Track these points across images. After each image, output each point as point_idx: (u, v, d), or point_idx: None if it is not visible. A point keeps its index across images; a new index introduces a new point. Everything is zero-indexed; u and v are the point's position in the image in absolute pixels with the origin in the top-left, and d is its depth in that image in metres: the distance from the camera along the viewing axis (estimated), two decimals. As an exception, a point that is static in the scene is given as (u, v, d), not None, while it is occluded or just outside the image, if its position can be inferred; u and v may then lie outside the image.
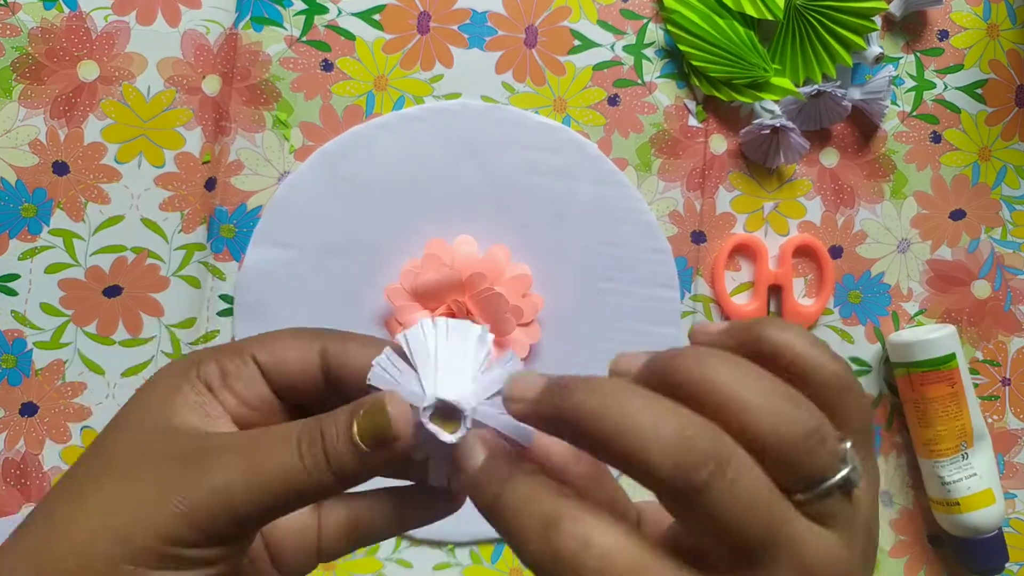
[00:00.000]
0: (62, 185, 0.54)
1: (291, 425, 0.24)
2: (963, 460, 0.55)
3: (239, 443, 0.24)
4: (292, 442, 0.23)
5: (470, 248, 0.54)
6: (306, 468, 0.23)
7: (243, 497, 0.22)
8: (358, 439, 0.23)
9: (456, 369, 0.24)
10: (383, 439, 0.23)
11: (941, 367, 0.54)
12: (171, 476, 0.23)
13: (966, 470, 0.54)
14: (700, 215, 0.58)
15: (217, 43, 0.55)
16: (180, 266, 0.54)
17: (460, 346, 0.24)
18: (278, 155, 0.55)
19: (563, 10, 0.57)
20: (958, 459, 0.55)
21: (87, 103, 0.54)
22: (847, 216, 0.59)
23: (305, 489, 0.23)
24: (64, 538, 0.23)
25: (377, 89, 0.56)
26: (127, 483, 0.23)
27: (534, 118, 0.56)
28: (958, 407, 0.55)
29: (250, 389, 0.25)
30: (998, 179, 0.60)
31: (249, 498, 0.23)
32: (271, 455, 0.23)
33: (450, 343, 0.24)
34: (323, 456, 0.23)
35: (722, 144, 0.58)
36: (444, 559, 0.55)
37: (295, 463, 0.23)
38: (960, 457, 0.55)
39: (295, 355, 0.26)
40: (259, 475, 0.23)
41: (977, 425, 0.55)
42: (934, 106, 0.60)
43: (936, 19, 0.60)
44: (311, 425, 0.24)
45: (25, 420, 0.54)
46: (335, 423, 0.23)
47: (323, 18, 0.55)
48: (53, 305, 0.54)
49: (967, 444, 0.55)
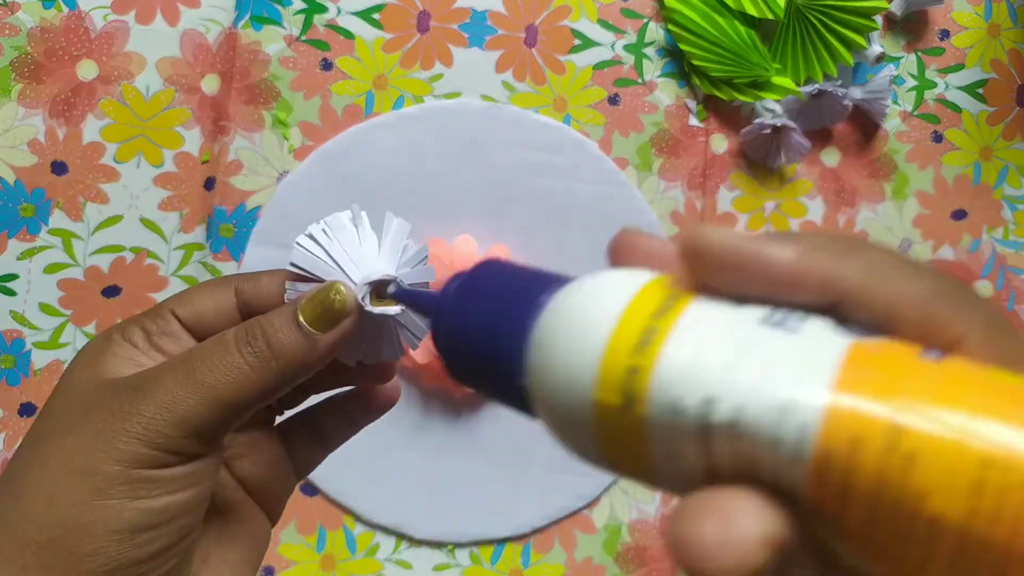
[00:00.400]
0: (61, 185, 0.54)
1: (222, 332, 0.25)
2: None
3: (174, 363, 0.24)
4: (230, 344, 0.24)
5: (470, 248, 0.54)
6: (248, 364, 0.23)
7: (192, 406, 0.23)
8: (306, 325, 0.24)
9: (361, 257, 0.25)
10: (335, 318, 0.24)
11: None
12: (118, 408, 0.23)
13: None
14: (701, 215, 0.57)
15: (216, 42, 0.55)
16: (179, 266, 0.54)
17: (349, 236, 0.26)
18: (277, 155, 0.55)
19: (563, 9, 0.57)
20: None
21: (86, 103, 0.54)
22: (848, 216, 0.59)
23: (252, 387, 0.23)
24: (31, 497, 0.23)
25: (377, 88, 0.56)
26: (77, 429, 0.23)
27: (534, 117, 0.56)
28: None
29: (174, 344, 0.26)
30: (999, 179, 0.60)
31: (198, 407, 0.23)
32: (211, 361, 0.24)
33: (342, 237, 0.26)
34: (266, 349, 0.24)
35: (723, 144, 0.58)
36: (444, 560, 0.55)
37: (236, 361, 0.23)
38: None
39: (211, 302, 0.26)
40: (202, 383, 0.23)
41: None
42: (935, 106, 0.60)
43: (937, 18, 0.60)
44: (246, 325, 0.24)
45: (24, 420, 0.53)
46: (273, 317, 0.24)
47: (323, 17, 0.55)
48: (52, 305, 0.54)
49: None
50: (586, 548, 0.56)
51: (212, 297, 0.26)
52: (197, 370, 0.23)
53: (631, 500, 0.56)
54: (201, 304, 0.26)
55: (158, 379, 0.24)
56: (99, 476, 0.22)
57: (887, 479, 0.13)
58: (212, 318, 0.26)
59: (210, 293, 0.26)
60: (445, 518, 0.55)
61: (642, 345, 0.15)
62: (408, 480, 0.55)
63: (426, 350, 0.51)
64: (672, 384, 0.15)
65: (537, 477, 0.55)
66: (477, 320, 0.19)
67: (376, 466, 0.54)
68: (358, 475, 0.54)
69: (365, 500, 0.55)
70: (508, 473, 0.55)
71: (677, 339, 0.15)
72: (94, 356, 0.25)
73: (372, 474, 0.54)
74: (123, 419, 0.23)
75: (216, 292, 0.26)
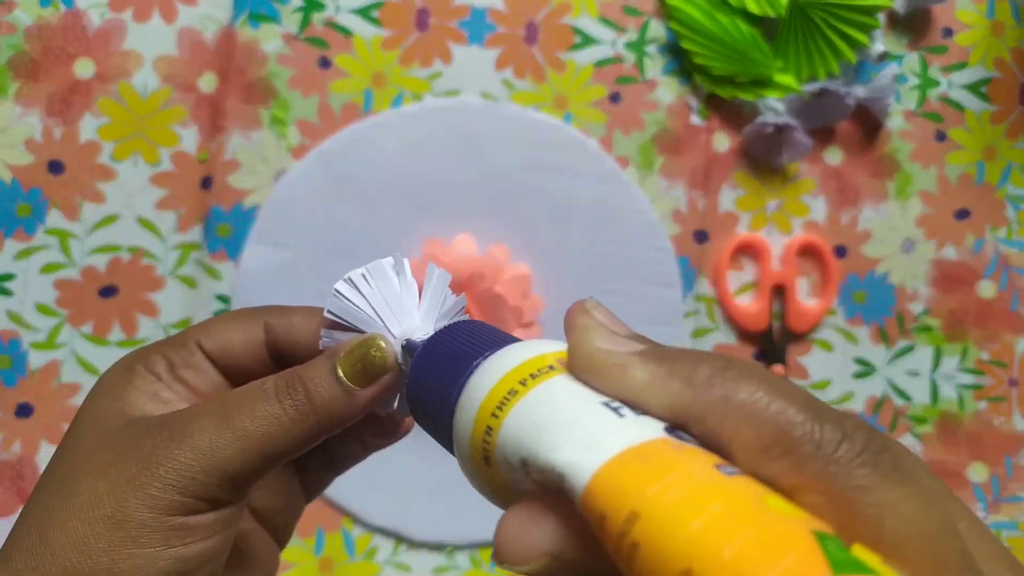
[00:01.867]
0: (57, 184, 0.53)
1: (261, 381, 0.24)
2: None
3: (211, 407, 0.23)
4: (270, 394, 0.23)
5: (469, 248, 0.53)
6: (288, 416, 0.23)
7: (229, 455, 0.22)
8: (345, 379, 0.23)
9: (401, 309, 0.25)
10: (376, 374, 0.24)
11: None
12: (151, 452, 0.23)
13: None
14: (703, 214, 0.57)
15: (214, 40, 0.54)
16: (176, 265, 0.54)
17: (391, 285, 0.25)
18: (275, 153, 0.54)
19: (564, 6, 0.56)
20: None
21: (83, 101, 0.53)
22: (851, 215, 0.58)
23: (289, 438, 0.23)
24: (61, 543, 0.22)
25: (375, 86, 0.55)
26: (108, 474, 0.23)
27: (534, 116, 0.56)
28: None
29: (199, 377, 0.25)
30: (1003, 178, 0.60)
31: (235, 455, 0.23)
32: (249, 410, 0.23)
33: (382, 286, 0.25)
34: (306, 402, 0.23)
35: (725, 142, 0.57)
36: (443, 563, 0.55)
37: (276, 412, 0.23)
38: None
39: (239, 336, 0.26)
40: (240, 431, 0.23)
41: None
42: (938, 104, 0.59)
43: (940, 16, 0.59)
44: (286, 376, 0.24)
45: (21, 421, 0.53)
46: (313, 370, 0.24)
47: (321, 15, 0.55)
48: (48, 305, 0.53)
49: None
50: (587, 550, 0.55)
51: (240, 330, 0.26)
52: (236, 418, 0.23)
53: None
54: (228, 337, 0.26)
55: (194, 423, 0.23)
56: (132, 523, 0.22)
57: (619, 556, 0.15)
58: (239, 352, 0.26)
59: (238, 326, 0.26)
60: (444, 520, 0.54)
61: (499, 407, 0.18)
62: (407, 482, 0.54)
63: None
64: (506, 446, 0.18)
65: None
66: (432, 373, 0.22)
67: (375, 468, 0.54)
68: (357, 477, 0.54)
69: (364, 502, 0.54)
70: (508, 474, 0.55)
71: (519, 409, 0.18)
72: (117, 388, 0.25)
73: (371, 476, 0.54)
74: (157, 465, 0.22)
75: (244, 325, 0.26)
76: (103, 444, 0.23)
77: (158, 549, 0.22)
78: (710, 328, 0.57)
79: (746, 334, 0.57)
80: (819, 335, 0.58)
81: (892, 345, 0.58)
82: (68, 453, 0.24)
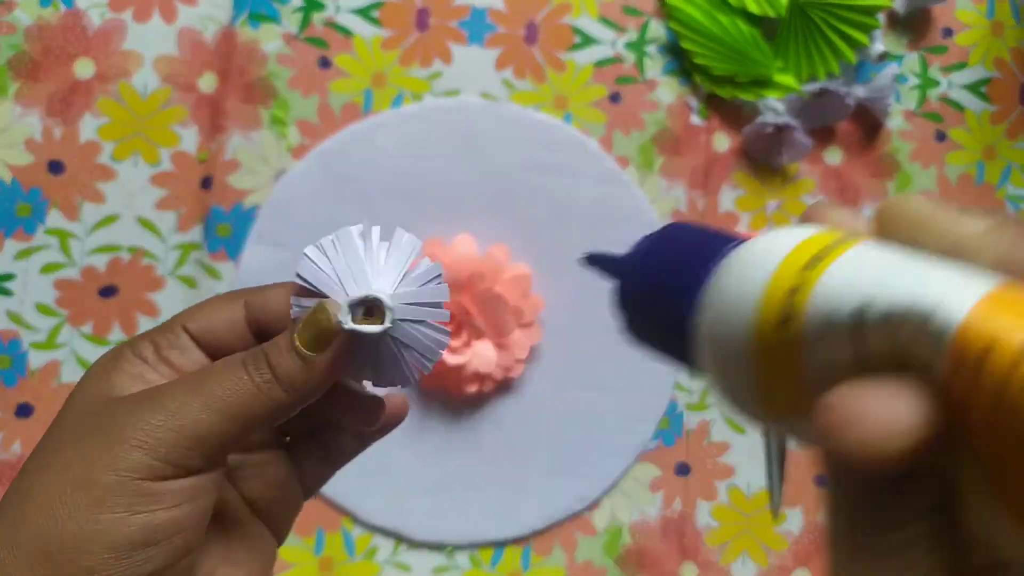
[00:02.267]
0: (57, 184, 0.53)
1: (234, 355, 0.25)
2: None
3: (185, 378, 0.24)
4: (238, 365, 0.24)
5: (469, 247, 0.53)
6: (255, 384, 0.24)
7: (198, 417, 0.23)
8: (301, 347, 0.24)
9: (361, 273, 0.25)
10: (324, 338, 0.24)
11: None
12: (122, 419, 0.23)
13: None
14: (703, 214, 0.57)
15: (214, 40, 0.54)
16: (176, 265, 0.54)
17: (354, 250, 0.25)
18: (275, 153, 0.55)
19: (564, 6, 0.56)
20: None
21: (83, 101, 0.53)
22: (851, 215, 0.58)
23: (260, 406, 0.24)
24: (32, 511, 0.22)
25: (375, 86, 0.55)
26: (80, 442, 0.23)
27: (534, 116, 0.56)
28: None
29: (185, 357, 0.26)
30: (1003, 178, 0.60)
31: (205, 416, 0.23)
32: (220, 380, 0.24)
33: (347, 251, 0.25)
34: (269, 371, 0.24)
35: (725, 142, 0.58)
36: (443, 562, 0.55)
37: (244, 381, 0.24)
38: None
39: (221, 316, 0.26)
40: (211, 395, 0.23)
41: None
42: (938, 104, 0.59)
43: (940, 17, 0.59)
44: (254, 350, 0.25)
45: (21, 421, 0.53)
46: (276, 341, 0.25)
47: (321, 15, 0.55)
48: (48, 305, 0.53)
49: None
50: (586, 550, 0.55)
51: (222, 311, 0.26)
52: (206, 384, 0.24)
53: (632, 502, 0.56)
54: (211, 318, 0.26)
55: (166, 391, 0.24)
56: (98, 487, 0.22)
57: (1007, 391, 0.13)
58: (222, 332, 0.26)
59: (220, 307, 0.27)
60: (444, 520, 0.54)
61: (807, 269, 0.16)
62: (407, 482, 0.54)
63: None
64: (830, 295, 0.16)
65: (537, 479, 0.55)
66: (660, 270, 0.21)
67: (375, 468, 0.54)
68: (357, 477, 0.54)
69: (364, 502, 0.54)
70: (508, 475, 0.55)
71: (841, 262, 0.16)
72: (103, 372, 0.25)
73: (371, 476, 0.54)
74: (125, 428, 0.23)
75: (226, 306, 0.26)
76: (83, 420, 0.24)
77: (123, 514, 0.22)
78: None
79: (746, 334, 0.57)
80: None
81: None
82: (51, 432, 0.24)
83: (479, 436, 0.55)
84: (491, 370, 0.52)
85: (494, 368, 0.52)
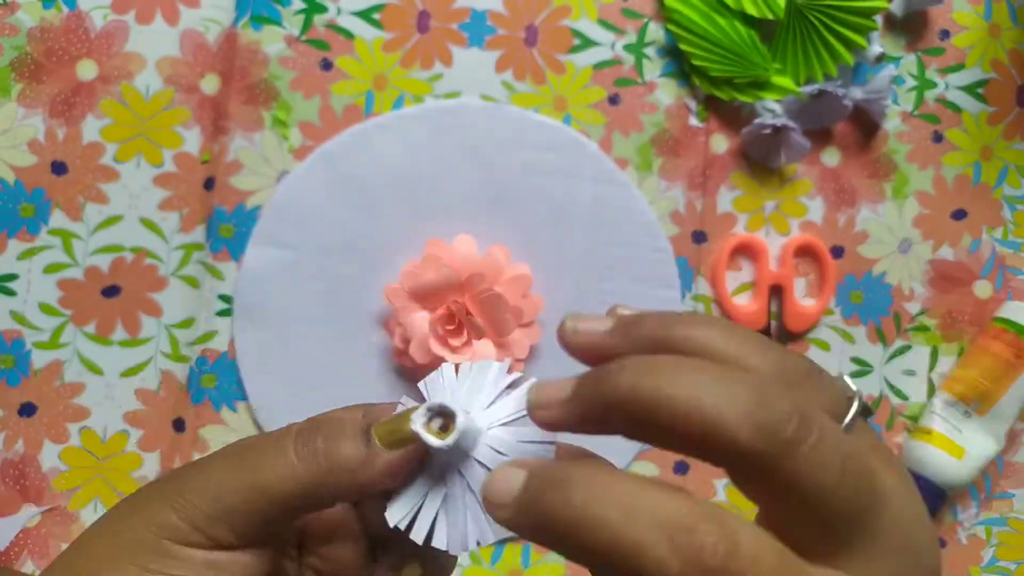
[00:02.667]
0: (61, 185, 0.54)
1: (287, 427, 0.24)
2: (963, 414, 0.56)
3: (228, 450, 0.23)
4: (284, 437, 0.23)
5: (470, 248, 0.54)
6: (298, 458, 0.23)
7: (231, 488, 0.22)
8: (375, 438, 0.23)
9: (483, 401, 0.23)
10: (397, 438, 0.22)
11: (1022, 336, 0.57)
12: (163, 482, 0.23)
13: (957, 421, 0.56)
14: (701, 215, 0.57)
15: (216, 42, 0.55)
16: (179, 266, 0.54)
17: (477, 381, 0.24)
18: (277, 154, 0.55)
19: (563, 9, 0.57)
20: (960, 408, 0.56)
21: (86, 103, 0.54)
22: (848, 216, 0.59)
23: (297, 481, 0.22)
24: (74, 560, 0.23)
25: (376, 88, 0.56)
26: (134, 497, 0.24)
27: (534, 117, 0.56)
28: (1005, 375, 0.56)
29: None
30: (999, 179, 0.60)
31: (238, 489, 0.22)
32: (260, 449, 0.23)
33: (478, 376, 0.24)
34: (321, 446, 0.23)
35: (723, 143, 0.58)
36: (444, 560, 0.55)
37: (287, 453, 0.23)
38: (963, 411, 0.56)
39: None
40: (248, 466, 0.22)
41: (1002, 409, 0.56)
42: (935, 106, 0.60)
43: (937, 18, 0.60)
44: (309, 419, 0.24)
45: (24, 420, 0.53)
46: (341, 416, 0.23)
47: (322, 17, 0.55)
48: (52, 305, 0.54)
49: (978, 407, 0.56)
50: (586, 548, 0.56)
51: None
52: (247, 456, 0.23)
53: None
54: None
55: (216, 457, 0.23)
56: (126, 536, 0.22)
57: None
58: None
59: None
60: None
61: None
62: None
63: (425, 350, 0.51)
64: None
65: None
66: None
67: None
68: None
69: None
70: (508, 473, 0.55)
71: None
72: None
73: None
74: (167, 487, 0.23)
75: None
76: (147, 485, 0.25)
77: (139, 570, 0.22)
78: (708, 328, 0.57)
79: (744, 334, 0.58)
80: (816, 334, 0.58)
81: (889, 344, 0.59)
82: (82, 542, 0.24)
83: (479, 435, 0.55)
84: (491, 370, 0.52)
85: (494, 368, 0.52)
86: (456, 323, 0.51)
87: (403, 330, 0.52)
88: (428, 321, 0.52)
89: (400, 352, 0.53)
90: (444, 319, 0.51)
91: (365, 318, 0.54)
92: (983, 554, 0.59)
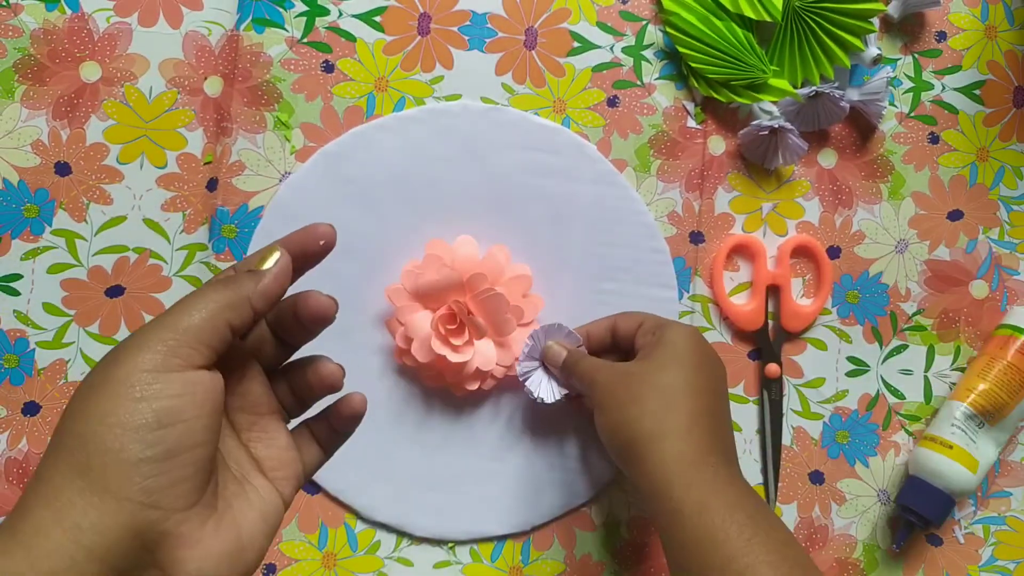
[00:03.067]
0: (64, 186, 0.54)
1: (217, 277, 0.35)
2: (977, 426, 0.56)
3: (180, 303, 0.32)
4: (213, 281, 0.33)
5: (470, 248, 0.54)
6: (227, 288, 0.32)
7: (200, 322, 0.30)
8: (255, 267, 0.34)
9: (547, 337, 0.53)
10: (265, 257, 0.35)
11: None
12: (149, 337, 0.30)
13: (973, 433, 0.56)
14: (699, 216, 0.58)
15: (219, 44, 0.55)
16: (182, 266, 0.55)
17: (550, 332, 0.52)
18: (279, 156, 0.55)
19: (563, 12, 0.57)
20: (977, 420, 0.56)
21: (89, 104, 0.54)
22: (845, 216, 0.59)
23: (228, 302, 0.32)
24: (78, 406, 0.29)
25: (378, 90, 0.56)
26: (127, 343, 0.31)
27: (534, 119, 0.56)
28: (1021, 387, 0.56)
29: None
30: (996, 180, 0.61)
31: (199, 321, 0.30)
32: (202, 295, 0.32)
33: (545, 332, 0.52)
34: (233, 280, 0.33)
35: (721, 145, 0.58)
36: (444, 557, 0.56)
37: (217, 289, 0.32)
38: (978, 422, 0.56)
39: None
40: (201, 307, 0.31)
41: (1012, 419, 0.56)
42: (932, 107, 0.60)
43: (934, 20, 0.60)
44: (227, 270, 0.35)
45: (27, 419, 0.54)
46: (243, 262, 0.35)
47: (324, 20, 0.56)
48: (55, 305, 0.54)
49: (990, 418, 0.56)
50: (585, 545, 0.56)
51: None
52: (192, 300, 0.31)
53: (630, 497, 0.57)
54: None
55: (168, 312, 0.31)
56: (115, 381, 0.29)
57: None
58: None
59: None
60: (446, 516, 0.55)
61: None
62: (409, 478, 0.55)
63: (427, 349, 0.52)
64: None
65: (536, 475, 0.56)
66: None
67: (377, 464, 0.55)
68: (359, 473, 0.55)
69: (366, 498, 0.55)
70: (508, 471, 0.56)
71: None
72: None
73: (373, 472, 0.55)
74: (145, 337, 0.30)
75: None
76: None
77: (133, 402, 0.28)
78: (706, 328, 0.58)
79: (741, 333, 0.58)
80: (813, 334, 0.59)
81: (886, 344, 0.59)
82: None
83: (480, 433, 0.56)
84: (492, 368, 0.53)
85: (495, 366, 0.53)
86: (458, 323, 0.52)
87: (405, 329, 0.53)
88: (430, 320, 0.52)
89: (402, 351, 0.53)
90: (446, 319, 0.52)
91: (366, 318, 0.55)
92: (981, 553, 0.59)
